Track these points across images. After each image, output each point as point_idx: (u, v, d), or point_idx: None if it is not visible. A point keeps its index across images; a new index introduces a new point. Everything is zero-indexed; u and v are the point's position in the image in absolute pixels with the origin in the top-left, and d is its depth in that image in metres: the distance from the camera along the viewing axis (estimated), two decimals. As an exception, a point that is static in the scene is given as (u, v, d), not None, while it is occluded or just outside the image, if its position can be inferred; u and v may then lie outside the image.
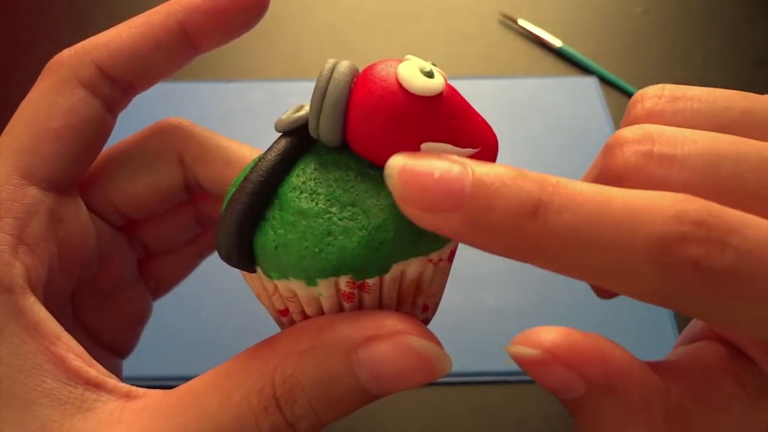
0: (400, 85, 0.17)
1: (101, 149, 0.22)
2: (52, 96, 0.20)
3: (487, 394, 0.35)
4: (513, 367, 0.35)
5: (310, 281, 0.17)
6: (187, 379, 0.18)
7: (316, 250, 0.17)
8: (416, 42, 0.55)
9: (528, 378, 0.36)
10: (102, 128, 0.21)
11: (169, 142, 0.24)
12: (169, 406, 0.17)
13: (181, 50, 0.21)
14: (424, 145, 0.17)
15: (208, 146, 0.24)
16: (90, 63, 0.21)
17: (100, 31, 0.21)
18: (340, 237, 0.17)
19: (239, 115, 0.48)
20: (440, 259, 0.18)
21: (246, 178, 0.18)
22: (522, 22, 0.55)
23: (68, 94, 0.20)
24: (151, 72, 0.22)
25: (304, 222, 0.17)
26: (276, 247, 0.17)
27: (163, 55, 0.21)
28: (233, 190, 0.18)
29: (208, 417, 0.17)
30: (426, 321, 0.20)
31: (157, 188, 0.24)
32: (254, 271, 0.18)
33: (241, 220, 0.17)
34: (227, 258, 0.18)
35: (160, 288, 0.27)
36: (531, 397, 0.35)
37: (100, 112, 0.21)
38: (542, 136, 0.47)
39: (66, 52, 0.21)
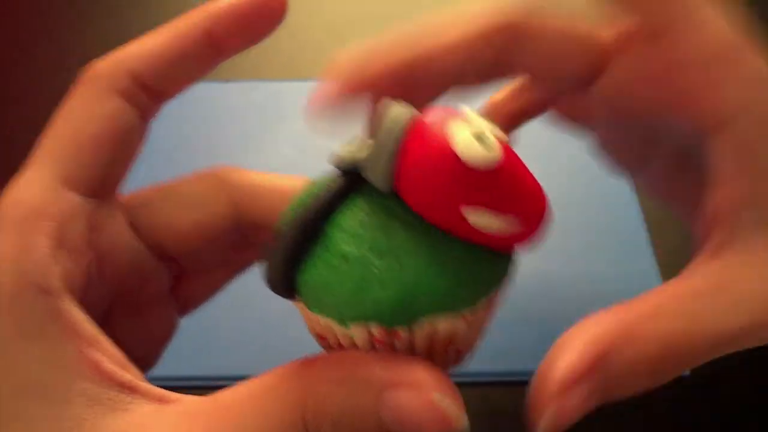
0: (454, 152, 0.17)
1: (137, 157, 0.23)
2: (91, 104, 0.21)
3: (488, 394, 0.35)
4: (513, 367, 0.36)
5: (343, 323, 0.18)
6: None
7: (352, 296, 0.17)
8: (416, 42, 0.55)
9: (528, 379, 0.36)
10: (138, 136, 0.22)
11: (218, 186, 0.24)
12: (206, 413, 0.18)
13: (208, 56, 0.22)
14: (463, 209, 0.17)
15: (255, 184, 0.24)
16: (125, 72, 0.21)
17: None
18: (376, 286, 0.17)
19: (239, 115, 0.48)
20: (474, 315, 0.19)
21: (297, 213, 0.18)
22: (522, 22, 0.55)
23: (106, 103, 0.21)
24: (181, 79, 0.22)
25: (345, 266, 0.17)
26: (316, 286, 0.18)
27: (192, 63, 0.22)
28: (283, 222, 0.19)
29: (242, 430, 0.17)
30: (459, 363, 0.20)
31: (202, 229, 0.24)
32: (297, 300, 0.19)
33: (288, 257, 0.18)
34: (273, 290, 0.19)
35: (188, 306, 0.27)
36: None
37: (136, 119, 0.22)
38: (542, 135, 0.47)
39: (101, 63, 0.22)
